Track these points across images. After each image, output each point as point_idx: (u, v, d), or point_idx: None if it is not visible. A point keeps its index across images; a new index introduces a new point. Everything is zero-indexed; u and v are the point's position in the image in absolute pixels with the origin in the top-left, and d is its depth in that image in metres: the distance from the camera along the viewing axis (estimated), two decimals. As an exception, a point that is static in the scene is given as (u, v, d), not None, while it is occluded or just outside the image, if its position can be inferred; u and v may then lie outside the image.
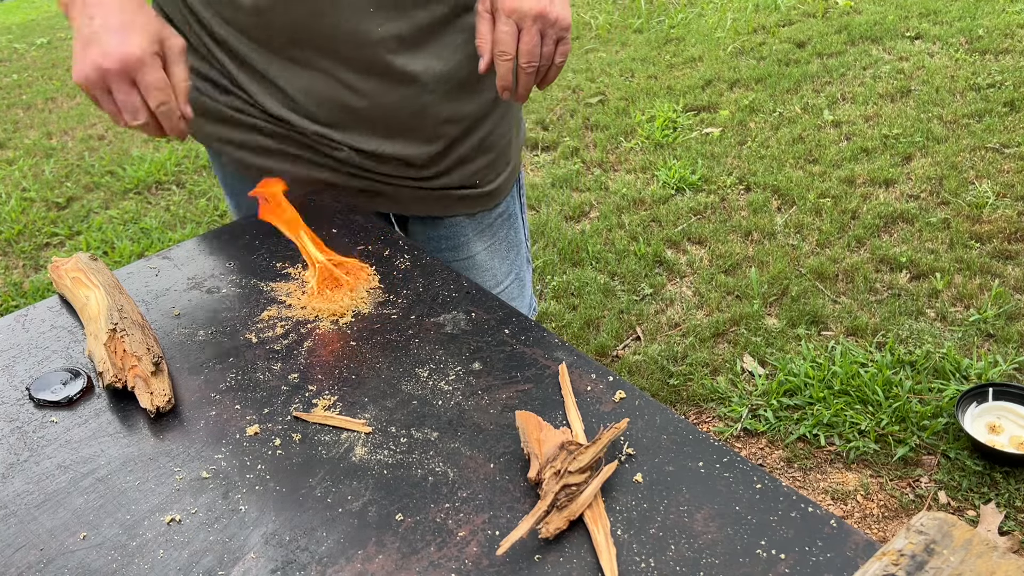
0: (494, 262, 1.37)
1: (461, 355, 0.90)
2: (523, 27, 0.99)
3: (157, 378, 0.86)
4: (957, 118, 3.37)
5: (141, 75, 0.92)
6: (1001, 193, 2.87)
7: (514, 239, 1.41)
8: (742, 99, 3.78)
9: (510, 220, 1.39)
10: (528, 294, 1.48)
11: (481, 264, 1.35)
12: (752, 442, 2.10)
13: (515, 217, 1.41)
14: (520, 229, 1.43)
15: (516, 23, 0.99)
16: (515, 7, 0.98)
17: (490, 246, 1.36)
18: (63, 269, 1.03)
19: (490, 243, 1.36)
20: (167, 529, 0.72)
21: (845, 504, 1.90)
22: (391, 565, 0.68)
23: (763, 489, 0.71)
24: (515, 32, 1.00)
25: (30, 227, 3.50)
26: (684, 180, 3.21)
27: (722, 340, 2.44)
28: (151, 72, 0.92)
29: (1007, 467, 1.89)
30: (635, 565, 0.66)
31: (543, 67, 1.03)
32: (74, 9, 0.94)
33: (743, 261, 2.74)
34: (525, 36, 1.00)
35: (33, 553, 0.71)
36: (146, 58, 0.92)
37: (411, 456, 0.78)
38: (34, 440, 0.83)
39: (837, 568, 0.64)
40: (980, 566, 0.56)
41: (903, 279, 2.56)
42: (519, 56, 1.01)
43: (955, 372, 2.17)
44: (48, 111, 4.85)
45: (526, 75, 1.03)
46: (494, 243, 1.36)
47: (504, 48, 1.01)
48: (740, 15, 4.75)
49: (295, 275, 1.06)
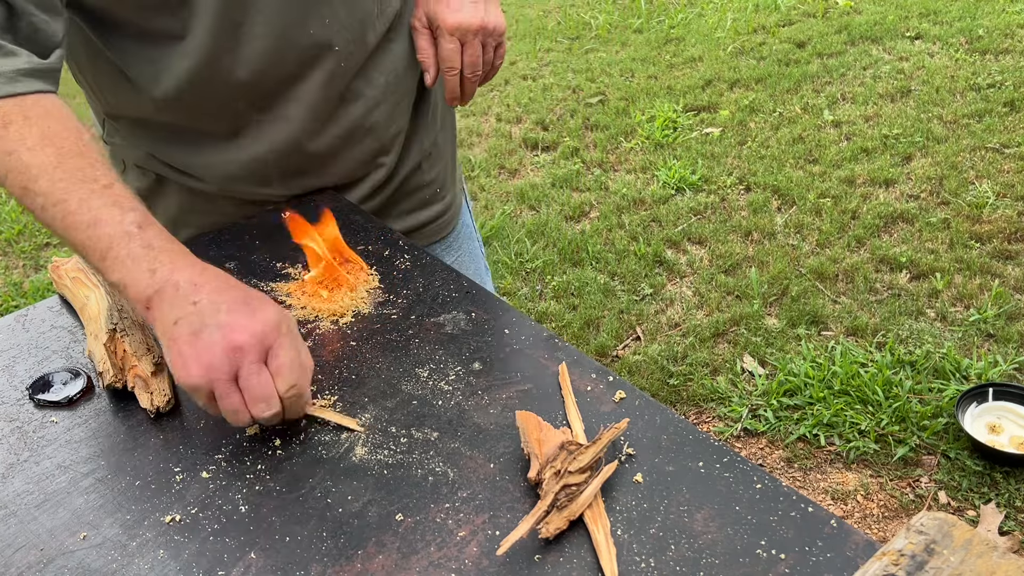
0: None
1: (461, 355, 0.90)
2: (466, 41, 1.05)
3: (157, 378, 0.86)
4: (957, 118, 3.37)
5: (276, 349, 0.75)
6: (1001, 193, 2.87)
7: (475, 250, 1.43)
8: (742, 99, 3.78)
9: (468, 230, 1.41)
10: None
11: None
12: (752, 442, 2.10)
13: (469, 228, 1.42)
14: (475, 238, 1.45)
15: (459, 38, 1.04)
16: (457, 23, 1.03)
17: (457, 259, 1.38)
18: (63, 269, 1.03)
19: (457, 256, 1.38)
20: (167, 529, 0.72)
21: (845, 504, 1.90)
22: (391, 565, 0.68)
23: (763, 489, 0.71)
24: (459, 47, 1.05)
25: (30, 227, 3.50)
26: (684, 180, 3.21)
27: (722, 340, 2.44)
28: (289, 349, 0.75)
29: (1007, 467, 1.89)
30: (635, 565, 0.66)
31: (485, 72, 1.10)
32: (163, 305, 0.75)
33: (743, 261, 2.74)
34: (469, 49, 1.06)
35: (33, 553, 0.71)
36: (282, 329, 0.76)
37: (411, 456, 0.78)
38: (34, 440, 0.83)
39: (837, 568, 0.64)
40: (980, 566, 0.56)
41: (903, 279, 2.56)
42: (464, 68, 1.07)
43: (955, 372, 2.17)
44: (48, 111, 4.85)
45: (471, 83, 1.09)
46: (461, 256, 1.38)
47: (451, 64, 1.07)
48: (740, 15, 4.75)
49: (295, 275, 1.06)
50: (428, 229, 1.32)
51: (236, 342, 0.73)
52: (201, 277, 0.77)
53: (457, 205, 1.37)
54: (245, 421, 0.74)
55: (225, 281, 0.78)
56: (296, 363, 0.75)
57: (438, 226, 1.33)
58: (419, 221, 1.30)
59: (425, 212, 1.30)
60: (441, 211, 1.32)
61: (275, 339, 0.75)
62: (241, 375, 0.73)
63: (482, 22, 1.03)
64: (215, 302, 0.75)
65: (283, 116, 1.07)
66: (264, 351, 0.74)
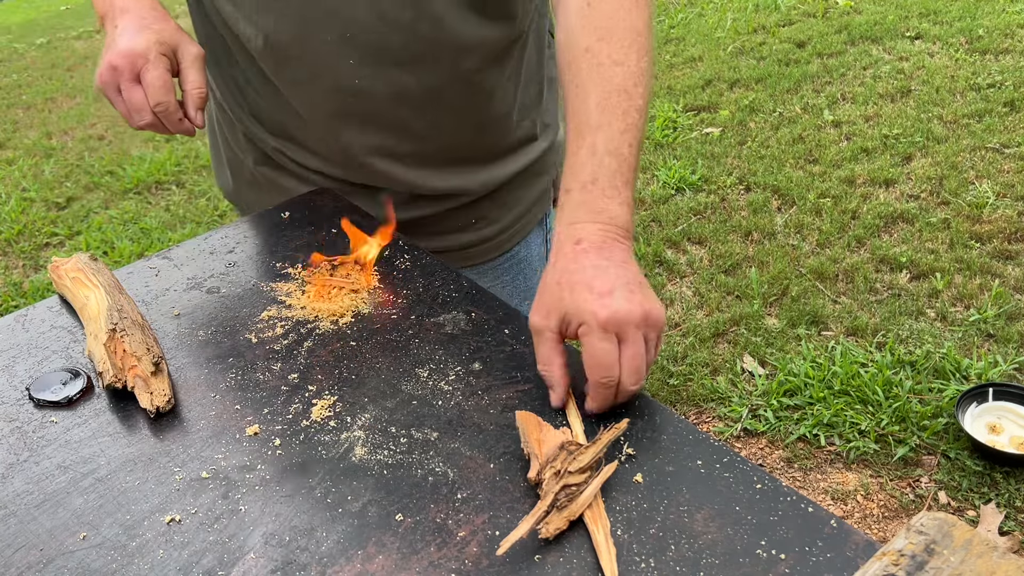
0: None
1: (461, 355, 0.90)
2: (625, 338, 0.77)
3: (157, 378, 0.86)
4: (957, 118, 3.37)
5: (143, 72, 0.94)
6: (1001, 193, 2.87)
7: (522, 285, 1.27)
8: (742, 99, 3.78)
9: (521, 264, 1.26)
10: None
11: None
12: (752, 442, 2.10)
13: (530, 262, 1.27)
14: (536, 275, 1.28)
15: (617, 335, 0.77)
16: (611, 316, 0.76)
17: (489, 288, 1.24)
18: (63, 269, 1.03)
19: (490, 285, 1.26)
20: (167, 529, 0.72)
21: (845, 504, 1.90)
22: (391, 565, 0.67)
23: (763, 489, 0.71)
24: (616, 348, 0.77)
25: (30, 227, 3.50)
26: (684, 180, 3.21)
27: (722, 340, 2.44)
28: (151, 70, 0.94)
29: (1007, 467, 1.89)
30: (635, 565, 0.65)
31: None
32: (107, 23, 0.98)
33: (743, 261, 2.74)
34: (630, 349, 0.77)
35: (33, 553, 0.71)
36: (149, 55, 0.93)
37: (411, 456, 0.78)
38: (34, 440, 0.83)
39: (837, 568, 0.64)
40: (980, 566, 0.56)
41: (903, 279, 2.56)
42: (624, 375, 0.77)
43: (955, 372, 2.17)
44: (48, 111, 4.85)
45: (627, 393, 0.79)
46: (495, 287, 1.26)
47: (609, 371, 0.76)
48: (740, 15, 4.75)
49: (295, 275, 1.06)
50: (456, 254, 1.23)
51: (112, 62, 0.93)
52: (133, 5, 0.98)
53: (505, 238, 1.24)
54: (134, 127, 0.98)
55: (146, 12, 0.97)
56: (160, 83, 0.93)
57: (469, 253, 1.24)
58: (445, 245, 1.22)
59: (457, 237, 1.22)
60: (476, 240, 1.22)
61: (143, 64, 0.93)
62: (121, 90, 0.95)
63: (646, 310, 0.77)
64: (123, 27, 0.95)
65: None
66: (135, 72, 0.93)
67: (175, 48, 0.96)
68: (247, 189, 1.28)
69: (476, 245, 1.23)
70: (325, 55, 1.01)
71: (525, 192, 1.23)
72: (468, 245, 1.23)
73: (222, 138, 1.28)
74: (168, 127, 0.98)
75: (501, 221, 1.23)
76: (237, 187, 1.30)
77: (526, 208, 1.25)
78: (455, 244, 1.23)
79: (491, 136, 1.15)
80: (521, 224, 1.26)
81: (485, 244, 1.24)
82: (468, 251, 1.24)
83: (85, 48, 6.13)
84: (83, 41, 6.35)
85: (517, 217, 1.24)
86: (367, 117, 1.08)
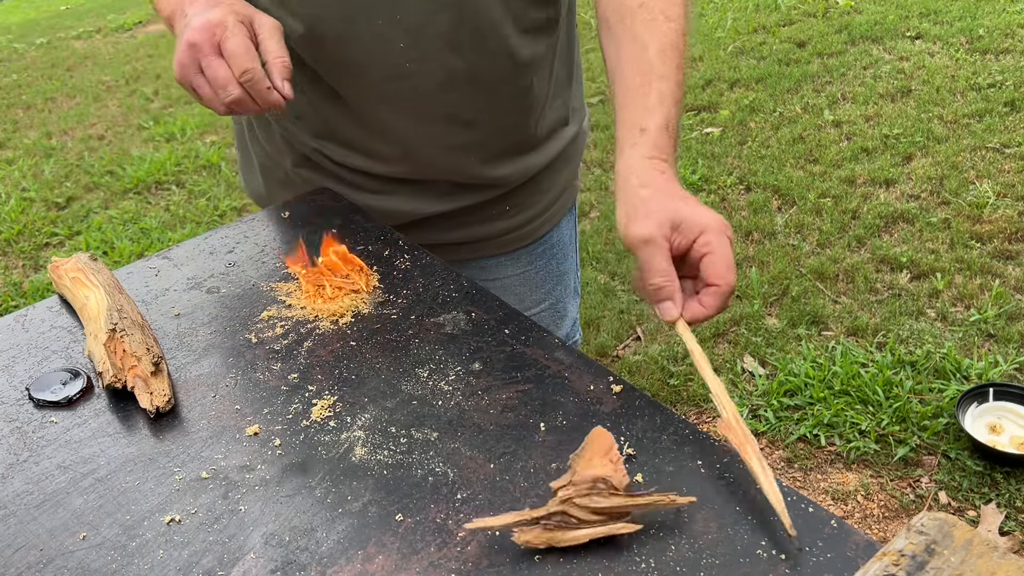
0: (524, 289, 1.28)
1: (461, 355, 0.90)
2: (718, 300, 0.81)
3: (157, 378, 0.86)
4: (957, 118, 3.37)
5: (224, 42, 0.88)
6: (1001, 193, 2.87)
7: (555, 270, 1.31)
8: (742, 99, 3.78)
9: (554, 249, 1.29)
10: (567, 326, 1.37)
11: (508, 287, 1.28)
12: (752, 442, 2.10)
13: (562, 246, 1.30)
14: (567, 259, 1.32)
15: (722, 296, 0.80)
16: (726, 224, 0.80)
17: (524, 273, 1.27)
18: (63, 269, 1.03)
19: (524, 270, 1.27)
20: (167, 529, 0.72)
21: (845, 504, 1.90)
22: (391, 565, 0.67)
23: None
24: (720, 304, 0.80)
25: (30, 227, 3.51)
26: (684, 180, 3.21)
27: (722, 340, 2.44)
28: (231, 37, 0.88)
29: (1007, 467, 1.89)
30: (635, 565, 0.65)
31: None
32: (176, 19, 0.94)
33: (743, 261, 2.74)
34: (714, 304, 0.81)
35: (33, 553, 0.71)
36: (227, 23, 0.88)
37: (411, 456, 0.78)
38: (34, 440, 0.83)
39: (837, 568, 0.64)
40: (980, 566, 0.56)
41: (903, 279, 2.56)
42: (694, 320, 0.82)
43: (955, 372, 2.17)
44: (48, 111, 4.85)
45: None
46: (529, 271, 1.28)
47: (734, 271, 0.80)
48: (740, 15, 4.75)
49: (295, 275, 1.06)
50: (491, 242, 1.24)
51: (189, 40, 0.88)
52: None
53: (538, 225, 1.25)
54: (220, 108, 0.90)
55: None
56: (243, 49, 0.88)
57: (503, 241, 1.24)
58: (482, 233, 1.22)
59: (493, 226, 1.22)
60: (510, 228, 1.23)
61: (222, 33, 0.87)
62: (203, 67, 0.88)
63: (733, 284, 0.80)
64: (194, 10, 0.90)
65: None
66: (215, 44, 0.87)
67: (251, 20, 0.91)
68: (282, 192, 1.27)
69: (511, 232, 1.24)
70: (373, 40, 1.01)
71: (557, 177, 1.25)
72: (503, 233, 1.24)
73: (254, 143, 1.27)
74: (256, 99, 0.91)
75: (535, 207, 1.24)
76: (270, 191, 1.29)
77: (557, 194, 1.26)
78: (491, 232, 1.23)
79: (532, 120, 1.15)
80: (553, 211, 1.27)
81: (520, 231, 1.24)
82: (502, 239, 1.24)
83: (85, 48, 6.13)
84: (83, 41, 6.36)
85: (549, 203, 1.25)
86: (416, 104, 1.07)
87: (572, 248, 1.34)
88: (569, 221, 1.33)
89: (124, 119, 4.58)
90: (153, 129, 4.32)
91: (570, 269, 1.34)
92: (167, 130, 4.28)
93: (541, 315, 1.32)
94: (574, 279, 1.37)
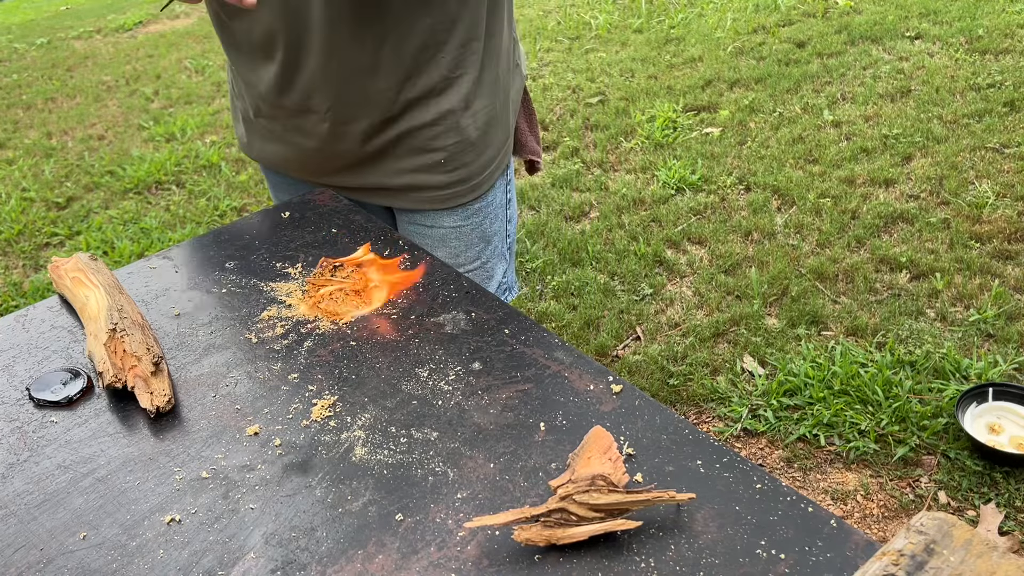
0: (458, 243, 1.36)
1: (461, 355, 0.90)
2: None
3: (157, 378, 0.86)
4: (957, 118, 3.37)
5: None
6: (1001, 193, 2.87)
7: (488, 230, 1.39)
8: (742, 99, 3.78)
9: (484, 211, 1.37)
10: (492, 286, 1.46)
11: (444, 238, 1.35)
12: (752, 442, 2.10)
13: (492, 208, 1.39)
14: (497, 221, 1.41)
15: None
16: None
17: (458, 227, 1.35)
18: (63, 269, 1.03)
19: (459, 224, 1.35)
20: (167, 529, 0.72)
21: (845, 504, 1.90)
22: (391, 565, 0.68)
23: (763, 489, 0.71)
24: None
25: (30, 227, 3.50)
26: (684, 180, 3.21)
27: (722, 340, 2.44)
28: None
29: (1007, 467, 1.89)
30: (635, 564, 0.66)
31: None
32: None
33: (743, 261, 2.74)
34: None
35: (33, 553, 0.71)
36: None
37: (411, 456, 0.78)
38: (34, 440, 0.83)
39: (837, 568, 0.64)
40: (980, 566, 0.56)
41: (903, 279, 2.56)
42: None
43: (955, 372, 2.17)
44: (48, 111, 4.85)
45: None
46: (463, 227, 1.35)
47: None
48: (740, 15, 4.75)
49: (295, 275, 1.06)
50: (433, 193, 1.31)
51: None
52: None
53: (471, 186, 1.33)
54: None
55: None
56: None
57: (443, 195, 1.32)
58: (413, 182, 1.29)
59: (421, 176, 1.29)
60: (443, 183, 1.30)
61: None
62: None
63: None
64: None
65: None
66: None
67: None
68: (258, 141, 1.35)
69: (451, 186, 1.31)
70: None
71: (493, 136, 1.31)
72: (444, 186, 1.30)
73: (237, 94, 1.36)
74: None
75: (471, 167, 1.31)
76: (250, 140, 1.37)
77: (493, 154, 1.33)
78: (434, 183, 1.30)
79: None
80: (489, 172, 1.34)
81: (459, 186, 1.31)
82: (443, 192, 1.31)
83: (85, 48, 6.13)
84: (83, 41, 6.36)
85: (485, 164, 1.32)
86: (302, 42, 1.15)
87: (502, 211, 1.41)
88: (502, 184, 1.39)
89: (124, 119, 4.58)
90: (153, 129, 4.32)
91: (499, 231, 1.42)
92: (167, 130, 4.28)
93: (473, 273, 1.40)
94: (502, 242, 1.44)
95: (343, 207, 1.20)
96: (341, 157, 1.26)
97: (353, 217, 1.17)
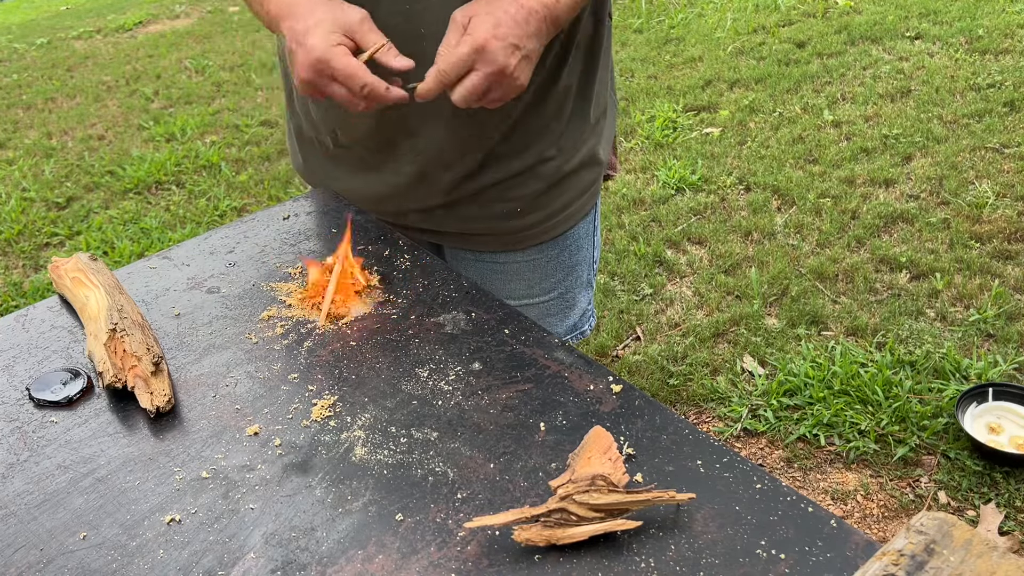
0: (534, 276, 1.28)
1: (461, 355, 0.90)
2: (477, 69, 0.90)
3: (157, 378, 0.86)
4: (957, 118, 3.37)
5: (333, 72, 0.91)
6: (1001, 193, 2.87)
7: (567, 262, 1.30)
8: (742, 99, 3.78)
9: (561, 243, 1.28)
10: (574, 316, 1.37)
11: (512, 272, 1.27)
12: (752, 442, 2.10)
13: (575, 240, 1.29)
14: (582, 251, 1.32)
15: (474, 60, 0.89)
16: (484, 45, 0.88)
17: (532, 260, 1.26)
18: (63, 269, 1.03)
19: (535, 258, 1.27)
20: (167, 529, 0.72)
21: (845, 504, 1.90)
22: (391, 565, 0.68)
23: (763, 489, 0.71)
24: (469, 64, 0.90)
25: (30, 227, 3.50)
26: (684, 180, 3.21)
27: (722, 340, 2.44)
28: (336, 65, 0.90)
29: (1007, 467, 1.89)
30: (635, 565, 0.66)
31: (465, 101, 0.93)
32: (273, 30, 1.00)
33: (743, 261, 2.74)
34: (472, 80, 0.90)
35: (33, 553, 0.71)
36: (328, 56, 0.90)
37: (411, 456, 0.78)
38: (34, 440, 0.83)
39: (837, 568, 0.64)
40: (980, 566, 0.56)
41: (903, 279, 2.56)
42: (455, 92, 0.92)
43: (955, 372, 2.17)
44: (48, 111, 4.85)
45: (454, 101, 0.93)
46: (539, 260, 1.27)
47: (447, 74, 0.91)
48: (740, 15, 4.75)
49: (295, 275, 1.06)
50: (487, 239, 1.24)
51: (302, 78, 0.92)
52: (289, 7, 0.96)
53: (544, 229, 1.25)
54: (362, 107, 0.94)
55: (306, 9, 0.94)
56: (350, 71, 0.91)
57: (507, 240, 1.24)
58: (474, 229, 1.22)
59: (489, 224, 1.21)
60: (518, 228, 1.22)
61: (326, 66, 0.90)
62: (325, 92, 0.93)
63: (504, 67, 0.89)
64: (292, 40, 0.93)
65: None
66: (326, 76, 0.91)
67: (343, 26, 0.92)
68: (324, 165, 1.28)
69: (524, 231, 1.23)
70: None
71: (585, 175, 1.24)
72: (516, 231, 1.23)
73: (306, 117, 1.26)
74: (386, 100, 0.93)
75: (548, 208, 1.23)
76: (309, 167, 1.30)
77: (574, 196, 1.25)
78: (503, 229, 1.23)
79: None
80: (572, 211, 1.26)
81: (533, 229, 1.24)
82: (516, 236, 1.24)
83: (85, 48, 6.13)
84: (83, 41, 6.36)
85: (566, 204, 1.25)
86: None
87: (588, 241, 1.33)
88: (588, 218, 1.31)
89: (124, 119, 4.58)
90: (153, 129, 4.32)
91: (583, 261, 1.33)
92: (167, 130, 4.28)
93: (549, 304, 1.31)
94: (587, 271, 1.36)
95: (343, 207, 1.20)
96: (422, 200, 1.19)
97: (353, 218, 1.17)
